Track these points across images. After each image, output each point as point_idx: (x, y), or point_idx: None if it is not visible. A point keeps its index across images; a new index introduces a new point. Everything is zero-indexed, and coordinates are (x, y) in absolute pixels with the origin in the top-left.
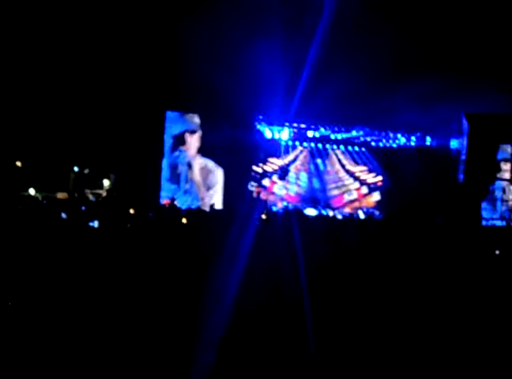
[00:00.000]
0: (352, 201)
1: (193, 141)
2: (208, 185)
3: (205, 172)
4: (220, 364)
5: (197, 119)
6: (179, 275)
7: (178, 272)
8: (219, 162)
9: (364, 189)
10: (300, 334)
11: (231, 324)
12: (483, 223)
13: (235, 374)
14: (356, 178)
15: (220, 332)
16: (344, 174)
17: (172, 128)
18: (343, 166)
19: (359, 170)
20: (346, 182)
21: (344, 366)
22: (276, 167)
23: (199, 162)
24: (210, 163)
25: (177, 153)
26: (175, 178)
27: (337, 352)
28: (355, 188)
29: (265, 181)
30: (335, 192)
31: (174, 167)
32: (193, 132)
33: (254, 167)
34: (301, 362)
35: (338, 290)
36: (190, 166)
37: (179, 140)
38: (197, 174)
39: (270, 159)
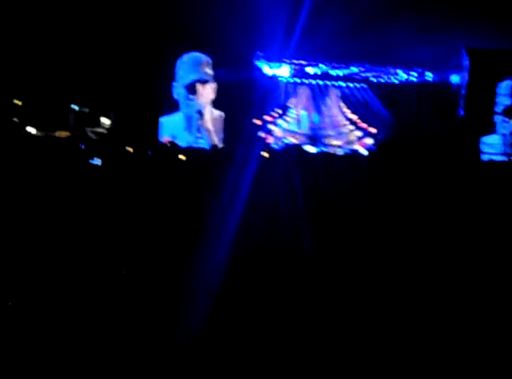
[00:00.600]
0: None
1: (205, 92)
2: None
3: (219, 122)
4: (216, 311)
5: (209, 70)
6: (175, 216)
7: (175, 212)
8: (219, 101)
9: (368, 140)
10: (300, 276)
11: (230, 266)
12: (485, 158)
13: (233, 321)
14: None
15: (217, 276)
16: (343, 119)
17: (183, 78)
18: (342, 112)
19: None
20: (343, 130)
21: (344, 310)
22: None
23: (210, 110)
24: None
25: (189, 102)
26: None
27: (337, 296)
28: (355, 137)
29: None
30: (334, 142)
31: (188, 117)
32: (205, 82)
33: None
34: (300, 307)
35: (338, 229)
36: (200, 114)
37: (190, 90)
38: (208, 121)
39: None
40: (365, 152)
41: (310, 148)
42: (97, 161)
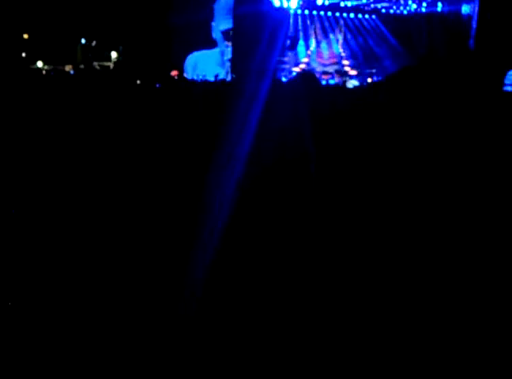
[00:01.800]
0: None
1: None
2: None
3: None
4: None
5: None
6: (186, 145)
7: (185, 142)
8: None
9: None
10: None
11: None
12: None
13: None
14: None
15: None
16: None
17: (221, 23)
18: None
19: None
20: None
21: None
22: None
23: None
24: None
25: (224, 45)
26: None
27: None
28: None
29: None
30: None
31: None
32: None
33: None
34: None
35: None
36: None
37: (226, 36)
38: None
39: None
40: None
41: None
42: (103, 93)
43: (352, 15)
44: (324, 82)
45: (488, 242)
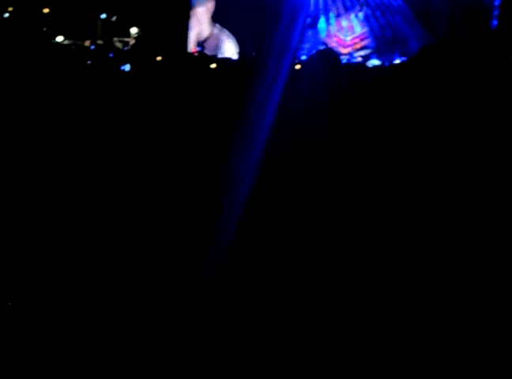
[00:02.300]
0: None
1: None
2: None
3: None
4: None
5: None
6: (203, 124)
7: (203, 120)
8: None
9: None
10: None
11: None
12: None
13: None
14: None
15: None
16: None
17: None
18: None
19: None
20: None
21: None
22: None
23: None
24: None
25: None
26: None
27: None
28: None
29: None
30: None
31: None
32: None
33: None
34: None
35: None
36: None
37: None
38: None
39: None
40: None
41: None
42: (126, 67)
43: None
44: (345, 60)
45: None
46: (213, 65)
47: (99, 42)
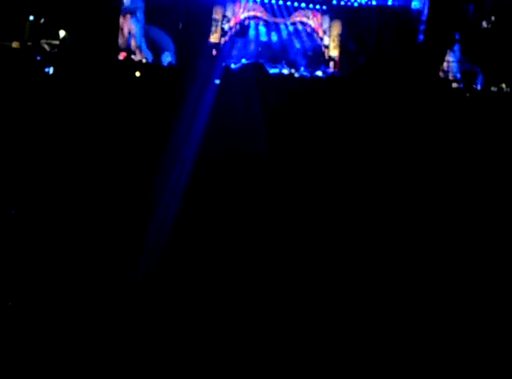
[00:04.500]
0: None
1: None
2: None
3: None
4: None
5: None
6: (135, 133)
7: (134, 128)
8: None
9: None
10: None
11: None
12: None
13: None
14: None
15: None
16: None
17: None
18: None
19: None
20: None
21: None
22: (231, 24)
23: None
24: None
25: None
26: None
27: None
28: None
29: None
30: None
31: None
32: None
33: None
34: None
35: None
36: None
37: None
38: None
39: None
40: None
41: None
42: (50, 69)
43: (303, 4)
44: (274, 70)
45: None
46: (137, 74)
47: (28, 43)
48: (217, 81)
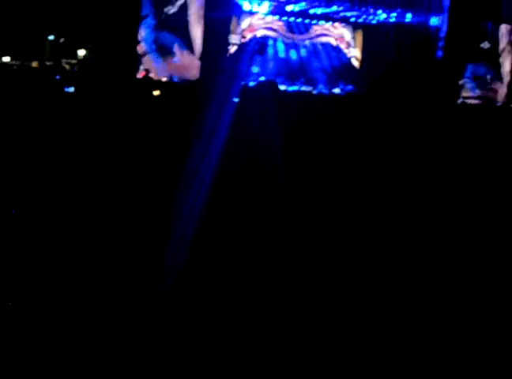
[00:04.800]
0: None
1: None
2: None
3: None
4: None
5: None
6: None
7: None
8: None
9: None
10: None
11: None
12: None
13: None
14: None
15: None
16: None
17: None
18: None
19: None
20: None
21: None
22: (246, 38)
23: None
24: None
25: None
26: None
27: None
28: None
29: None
30: None
31: None
32: None
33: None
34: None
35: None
36: None
37: None
38: None
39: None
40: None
41: (286, 87)
42: (71, 89)
43: (321, 22)
44: (293, 88)
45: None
46: (157, 92)
47: (47, 63)
48: (236, 99)
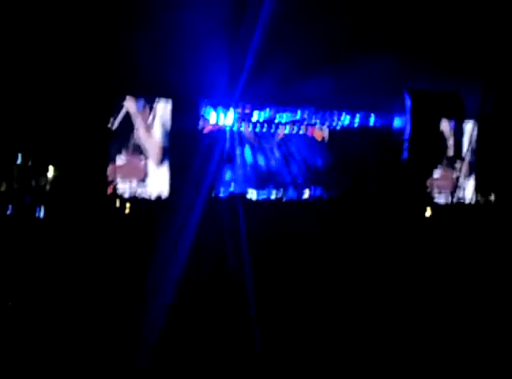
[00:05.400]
0: None
1: None
2: None
3: None
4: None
5: None
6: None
7: (122, 260)
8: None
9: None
10: (244, 317)
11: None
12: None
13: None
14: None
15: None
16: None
17: None
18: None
19: None
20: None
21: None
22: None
23: None
24: None
25: None
26: None
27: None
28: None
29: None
30: None
31: None
32: None
33: None
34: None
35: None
36: None
37: None
38: None
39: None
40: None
41: (253, 194)
42: (41, 212)
43: (287, 130)
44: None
45: None
46: (127, 211)
47: (15, 186)
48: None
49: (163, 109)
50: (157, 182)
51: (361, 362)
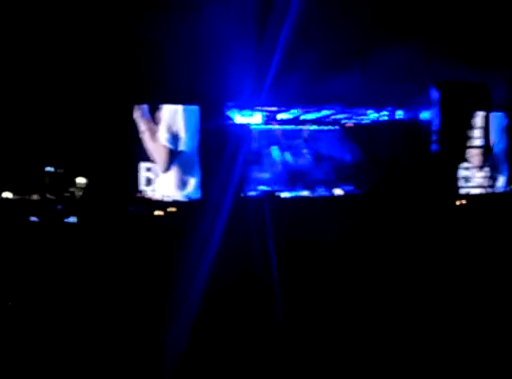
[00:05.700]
0: None
1: None
2: None
3: None
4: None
5: None
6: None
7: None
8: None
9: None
10: (270, 319)
11: (203, 307)
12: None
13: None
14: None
15: (192, 314)
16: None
17: None
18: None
19: None
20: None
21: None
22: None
23: None
24: None
25: None
26: None
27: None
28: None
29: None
30: None
31: None
32: None
33: None
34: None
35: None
36: None
37: None
38: None
39: None
40: (338, 192)
41: (285, 194)
42: (73, 219)
43: (312, 127)
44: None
45: None
46: (157, 213)
47: (48, 195)
48: (234, 210)
49: (169, 113)
50: (163, 187)
51: (390, 364)
